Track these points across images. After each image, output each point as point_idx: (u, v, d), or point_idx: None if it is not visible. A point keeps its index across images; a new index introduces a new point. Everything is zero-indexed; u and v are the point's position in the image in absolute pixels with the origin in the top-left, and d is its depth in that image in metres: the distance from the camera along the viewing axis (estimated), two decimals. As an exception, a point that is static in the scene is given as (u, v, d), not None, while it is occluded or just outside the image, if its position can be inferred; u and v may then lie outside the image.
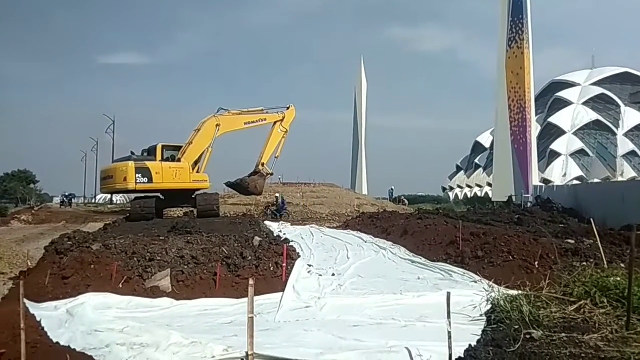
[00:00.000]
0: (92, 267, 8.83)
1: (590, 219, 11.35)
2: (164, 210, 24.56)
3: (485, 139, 73.57)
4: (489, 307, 3.90)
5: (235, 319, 6.90)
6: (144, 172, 22.28)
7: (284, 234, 16.22)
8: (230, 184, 26.89)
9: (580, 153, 63.65)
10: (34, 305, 6.91)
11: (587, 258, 9.06)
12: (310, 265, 10.87)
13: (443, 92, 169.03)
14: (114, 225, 18.39)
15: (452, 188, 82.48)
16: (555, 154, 63.23)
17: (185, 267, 9.13)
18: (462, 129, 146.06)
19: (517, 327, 3.06)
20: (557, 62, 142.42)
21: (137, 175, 22.04)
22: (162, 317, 7.25)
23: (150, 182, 22.41)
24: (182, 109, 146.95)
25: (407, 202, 46.13)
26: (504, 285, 5.49)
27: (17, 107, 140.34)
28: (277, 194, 27.82)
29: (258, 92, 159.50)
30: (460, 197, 74.41)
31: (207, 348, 5.14)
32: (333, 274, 10.15)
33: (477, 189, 73.16)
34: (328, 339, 5.82)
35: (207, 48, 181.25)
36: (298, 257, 11.12)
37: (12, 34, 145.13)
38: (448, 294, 4.33)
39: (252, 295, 4.64)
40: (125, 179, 22.10)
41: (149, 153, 23.64)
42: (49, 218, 28.67)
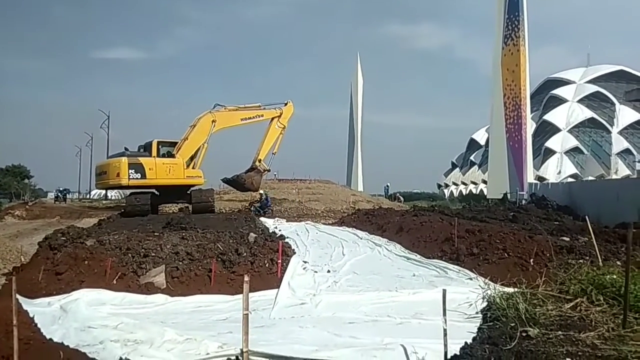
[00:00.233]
0: (86, 263, 8.77)
1: (585, 217, 11.37)
2: (159, 206, 24.62)
3: (481, 137, 73.77)
4: (485, 304, 3.89)
5: (231, 316, 6.87)
6: (138, 168, 22.34)
7: (280, 231, 16.18)
8: (227, 180, 26.91)
9: (575, 151, 63.87)
10: (27, 302, 6.86)
11: (582, 256, 9.07)
12: (306, 262, 10.85)
13: (439, 89, 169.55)
14: (109, 221, 18.30)
15: (447, 185, 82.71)
16: (551, 152, 63.44)
17: (180, 263, 9.09)
18: (457, 126, 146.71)
19: (513, 325, 3.05)
20: (552, 59, 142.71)
21: (130, 171, 22.12)
22: (156, 313, 7.22)
23: (144, 178, 22.47)
24: (179, 105, 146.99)
25: (402, 199, 46.17)
26: (500, 283, 5.50)
27: (12, 102, 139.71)
28: (261, 191, 27.88)
29: (255, 87, 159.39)
30: (456, 194, 74.61)
31: (201, 345, 5.12)
32: (328, 271, 10.13)
33: (472, 187, 73.33)
34: (323, 336, 5.81)
35: (204, 43, 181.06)
36: (293, 253, 11.11)
37: (8, 29, 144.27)
38: (444, 292, 4.32)
39: (247, 292, 4.61)
40: (119, 175, 22.20)
41: (146, 149, 23.63)
42: (43, 213, 28.56)
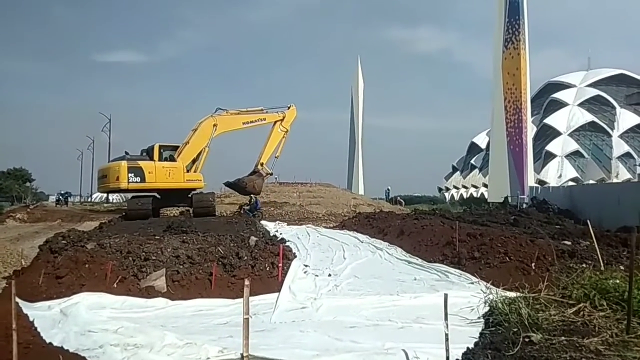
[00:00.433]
0: (86, 266, 8.75)
1: (587, 221, 11.35)
2: (161, 210, 24.67)
3: (481, 140, 73.79)
4: (487, 309, 3.87)
5: (231, 320, 6.85)
6: (137, 171, 22.60)
7: (281, 234, 16.17)
8: (229, 184, 27.02)
9: (576, 154, 63.88)
10: (28, 305, 6.84)
11: (584, 260, 9.04)
12: (307, 266, 10.83)
13: (440, 93, 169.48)
14: (110, 225, 18.30)
15: (448, 189, 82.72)
16: (551, 156, 63.44)
17: (181, 267, 9.07)
18: (458, 130, 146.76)
19: (515, 330, 3.03)
20: (553, 63, 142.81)
21: (129, 175, 22.38)
22: (157, 317, 7.20)
23: (143, 181, 22.71)
24: (181, 108, 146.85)
25: (403, 202, 46.13)
26: (502, 287, 5.49)
27: (13, 105, 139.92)
28: (251, 194, 28.04)
29: (256, 90, 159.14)
30: (457, 197, 74.56)
31: (202, 349, 5.10)
32: (329, 275, 10.11)
33: (473, 190, 73.36)
34: (324, 341, 5.79)
35: (206, 46, 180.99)
36: (294, 257, 11.08)
37: (9, 32, 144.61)
38: (445, 296, 4.29)
39: (247, 296, 4.59)
40: (118, 179, 22.47)
41: (148, 153, 23.82)
42: (45, 217, 28.57)
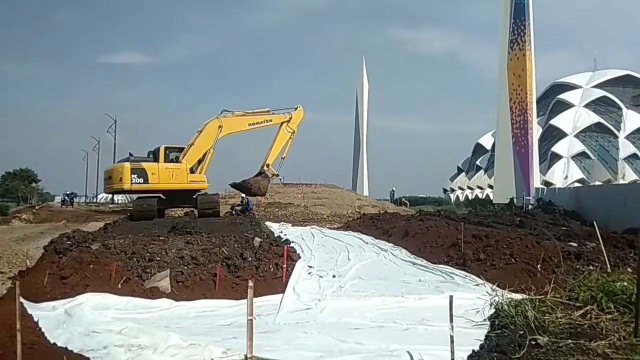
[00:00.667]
0: (91, 267, 8.75)
1: (593, 222, 11.27)
2: (165, 211, 24.81)
3: (487, 141, 73.50)
4: (493, 311, 3.83)
5: (235, 321, 6.83)
6: (140, 173, 23.01)
7: (285, 235, 16.17)
8: (235, 185, 27.16)
9: (582, 156, 63.52)
10: (32, 306, 6.85)
11: (590, 262, 8.97)
12: (311, 267, 10.81)
13: (444, 94, 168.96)
14: (115, 225, 18.35)
15: (453, 190, 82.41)
16: (557, 157, 63.10)
17: (185, 267, 9.06)
18: (463, 131, 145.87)
19: (522, 332, 3.00)
20: (558, 64, 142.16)
21: (132, 176, 22.81)
22: (161, 318, 7.19)
23: (146, 182, 23.11)
24: (186, 110, 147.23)
25: (408, 203, 46.07)
26: (508, 289, 5.44)
27: (19, 106, 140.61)
28: (242, 195, 28.14)
29: (261, 92, 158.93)
30: (462, 199, 74.31)
31: (205, 350, 5.09)
32: (334, 276, 10.08)
33: (478, 191, 73.05)
34: (328, 342, 5.76)
35: (208, 48, 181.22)
36: (299, 258, 11.06)
37: (14, 34, 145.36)
38: (451, 298, 4.26)
39: (251, 297, 4.57)
40: (121, 180, 22.94)
41: (154, 155, 24.17)
42: (50, 217, 28.76)
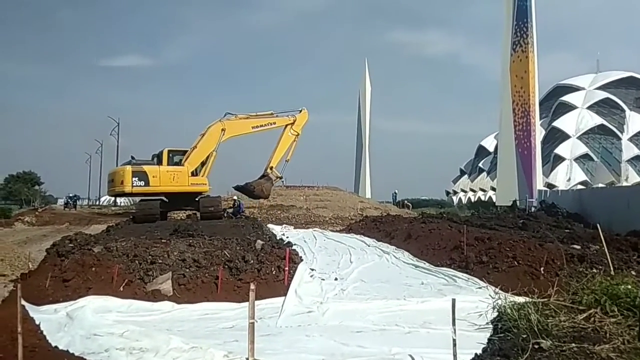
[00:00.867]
0: (93, 270, 8.76)
1: (596, 225, 11.21)
2: (168, 213, 24.94)
3: (490, 143, 73.36)
4: (496, 314, 3.81)
5: (237, 324, 6.82)
6: (141, 176, 23.25)
7: (287, 238, 16.15)
8: (239, 188, 27.23)
9: (585, 158, 63.32)
10: (34, 309, 6.85)
11: (593, 264, 8.93)
12: (313, 270, 10.79)
13: (447, 96, 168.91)
14: (117, 228, 18.37)
15: (455, 192, 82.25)
16: (560, 159, 62.93)
17: (187, 270, 9.06)
18: (466, 133, 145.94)
19: (525, 336, 2.97)
20: (561, 66, 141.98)
21: (133, 179, 23.06)
22: (162, 321, 7.19)
23: (147, 185, 23.33)
24: (188, 111, 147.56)
25: (410, 206, 46.00)
26: (510, 292, 5.40)
27: (21, 108, 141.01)
28: (235, 197, 28.20)
29: (262, 92, 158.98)
30: (464, 201, 74.16)
31: (207, 353, 5.08)
32: (336, 279, 10.07)
33: (481, 193, 72.85)
34: (330, 345, 5.74)
35: (209, 50, 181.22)
36: (301, 261, 11.04)
37: (16, 37, 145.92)
38: (453, 301, 4.24)
39: (253, 300, 4.56)
40: (123, 183, 23.23)
41: (158, 158, 24.44)
42: (53, 220, 28.77)
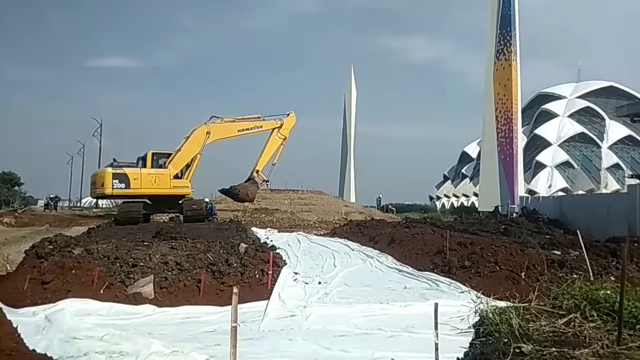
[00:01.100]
0: (73, 272, 8.62)
1: (577, 231, 11.38)
2: (151, 216, 24.81)
3: (473, 150, 74.13)
4: (477, 319, 3.83)
5: (219, 328, 6.77)
6: (122, 178, 23.36)
7: (271, 241, 16.10)
8: (224, 191, 27.17)
9: (566, 165, 64.35)
10: (12, 311, 6.71)
11: (573, 270, 9.05)
12: (297, 273, 10.76)
13: (432, 102, 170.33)
14: (98, 230, 18.13)
15: (439, 197, 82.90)
16: (541, 166, 63.85)
17: (169, 273, 8.96)
18: (450, 139, 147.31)
19: (506, 340, 2.99)
20: (543, 74, 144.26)
21: (114, 181, 23.19)
22: (143, 324, 7.10)
23: (128, 187, 23.40)
24: (175, 114, 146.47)
25: (394, 210, 46.24)
26: (492, 297, 5.46)
27: (2, 108, 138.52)
28: (206, 200, 28.16)
29: (251, 96, 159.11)
30: (447, 206, 74.74)
31: (189, 357, 5.02)
32: (320, 283, 10.05)
33: (463, 199, 73.55)
34: (313, 349, 5.73)
35: (200, 52, 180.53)
36: (284, 264, 11.01)
37: (1, 35, 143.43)
38: (436, 305, 4.26)
39: (236, 304, 4.52)
40: (103, 185, 23.38)
41: (143, 160, 24.37)
42: (33, 221, 28.26)
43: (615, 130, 65.31)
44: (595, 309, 3.36)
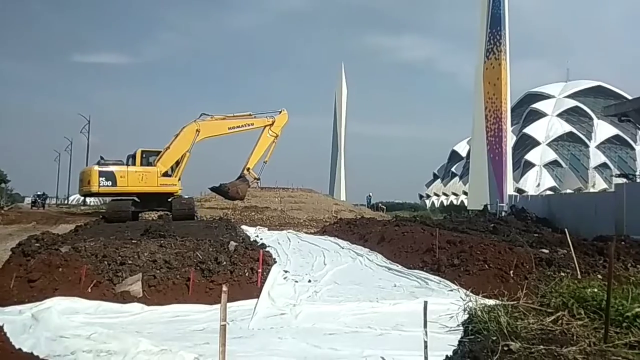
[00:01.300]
0: (60, 270, 8.53)
1: (564, 229, 11.48)
2: (140, 214, 24.77)
3: (462, 148, 74.57)
4: (466, 317, 3.84)
5: (208, 326, 6.74)
6: (108, 176, 23.37)
7: (261, 239, 16.06)
8: (214, 189, 27.04)
9: (554, 164, 64.96)
10: (-3, 310, 6.65)
11: (561, 268, 9.13)
12: (287, 272, 10.75)
13: (422, 101, 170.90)
14: (86, 228, 17.98)
15: (429, 196, 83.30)
16: (530, 165, 64.39)
17: (158, 271, 8.90)
18: (439, 138, 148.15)
19: (495, 338, 3.00)
20: (533, 74, 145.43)
21: (100, 179, 23.19)
22: (131, 323, 7.04)
23: (115, 185, 23.41)
24: (166, 112, 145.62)
25: (384, 208, 46.37)
26: (481, 295, 5.49)
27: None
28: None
29: (241, 93, 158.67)
30: (437, 205, 75.11)
31: (177, 356, 4.98)
32: (309, 281, 10.05)
33: (453, 197, 73.99)
34: (303, 348, 5.72)
35: (190, 50, 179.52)
36: (274, 262, 10.98)
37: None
38: (425, 303, 4.27)
39: (225, 302, 4.50)
40: (89, 183, 23.36)
41: (133, 158, 24.35)
42: (19, 219, 27.91)
43: (603, 130, 66.03)
44: (583, 307, 3.38)
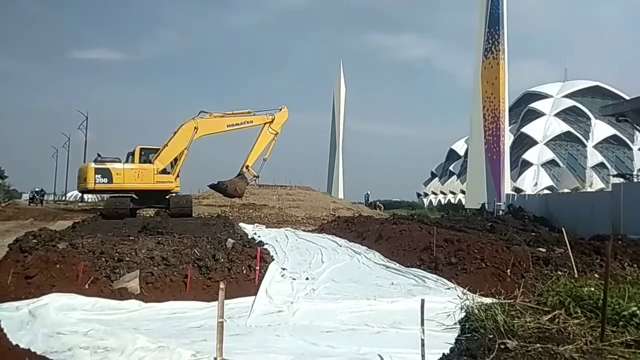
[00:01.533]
0: (57, 266, 8.51)
1: (562, 229, 11.51)
2: (138, 210, 24.74)
3: (460, 147, 74.59)
4: (463, 315, 3.86)
5: (205, 323, 6.74)
6: (105, 173, 23.48)
7: (259, 237, 16.06)
8: (213, 186, 26.99)
9: (552, 163, 65.07)
10: (-6, 306, 6.64)
11: (558, 267, 9.16)
12: (284, 269, 10.75)
13: (420, 99, 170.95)
14: (83, 224, 17.95)
15: (426, 194, 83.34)
16: (528, 164, 64.50)
17: (155, 268, 8.89)
18: (437, 137, 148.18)
19: (491, 336, 3.02)
20: (531, 73, 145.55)
21: (96, 176, 23.30)
22: (129, 320, 7.04)
23: (111, 182, 23.52)
24: (165, 109, 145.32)
25: (382, 207, 46.40)
26: (478, 293, 5.50)
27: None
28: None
29: (240, 92, 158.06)
30: (435, 203, 75.20)
31: (174, 353, 4.98)
32: (307, 278, 10.06)
33: (451, 196, 74.09)
34: (300, 345, 5.73)
35: (188, 47, 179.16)
36: (272, 260, 10.99)
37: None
38: (422, 301, 4.28)
39: (222, 299, 4.51)
40: (86, 180, 23.42)
41: (132, 155, 24.40)
42: (17, 215, 27.86)
43: (601, 130, 66.15)
44: (579, 306, 3.41)
